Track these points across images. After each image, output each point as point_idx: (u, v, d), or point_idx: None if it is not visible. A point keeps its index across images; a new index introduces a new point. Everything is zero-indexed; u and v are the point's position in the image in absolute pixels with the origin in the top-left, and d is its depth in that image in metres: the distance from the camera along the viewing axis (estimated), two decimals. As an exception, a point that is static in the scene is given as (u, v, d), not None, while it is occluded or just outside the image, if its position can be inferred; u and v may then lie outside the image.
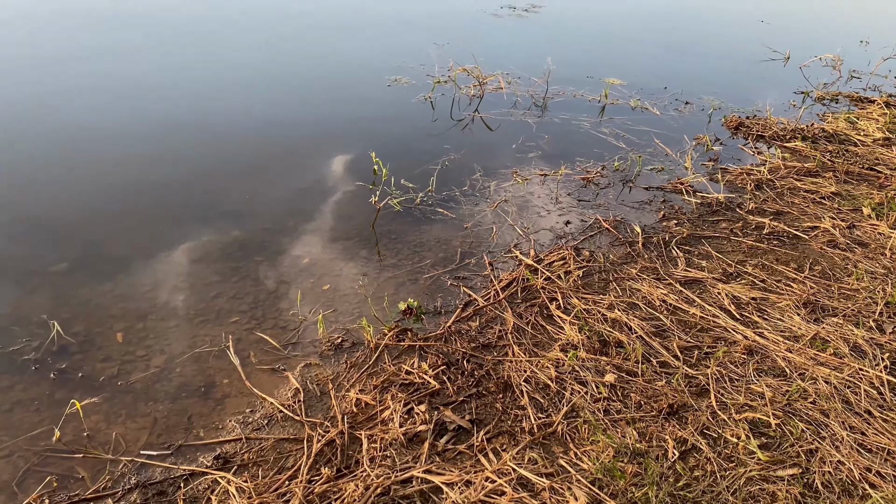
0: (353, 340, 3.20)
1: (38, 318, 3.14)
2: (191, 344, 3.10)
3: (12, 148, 4.62)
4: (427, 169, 4.83)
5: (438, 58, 7.19)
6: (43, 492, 2.37)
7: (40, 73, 5.92)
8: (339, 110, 5.79)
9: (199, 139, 5.05)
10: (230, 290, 3.47)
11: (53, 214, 3.94)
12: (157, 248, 3.73)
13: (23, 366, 2.88)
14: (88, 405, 2.68)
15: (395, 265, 3.79)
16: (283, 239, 3.93)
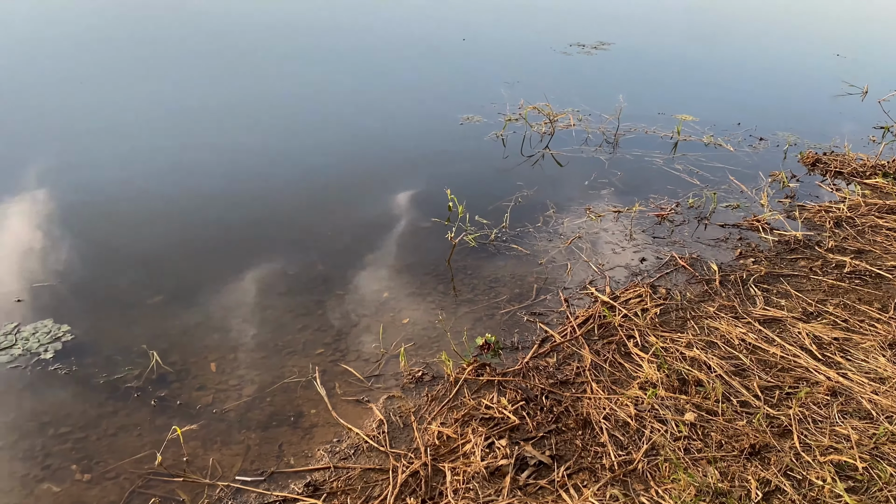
0: (433, 374, 3.29)
1: (139, 347, 3.33)
2: (279, 374, 3.23)
3: (107, 186, 4.91)
4: (500, 205, 4.93)
5: (509, 96, 7.33)
6: (147, 513, 2.51)
7: (125, 115, 6.27)
8: (414, 148, 5.96)
9: (280, 176, 5.26)
10: (315, 323, 3.61)
11: (148, 249, 4.17)
12: (245, 281, 3.91)
13: (126, 393, 3.05)
14: (187, 431, 2.83)
15: (472, 300, 3.88)
16: (363, 273, 4.06)
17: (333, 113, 6.65)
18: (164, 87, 7.01)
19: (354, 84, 7.60)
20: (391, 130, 6.34)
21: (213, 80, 7.41)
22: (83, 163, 5.20)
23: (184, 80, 7.30)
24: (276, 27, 9.95)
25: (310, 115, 6.57)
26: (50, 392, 3.03)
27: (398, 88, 7.57)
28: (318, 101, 6.94)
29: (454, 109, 6.89)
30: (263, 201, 4.86)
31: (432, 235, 4.55)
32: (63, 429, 2.86)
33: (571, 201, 5.09)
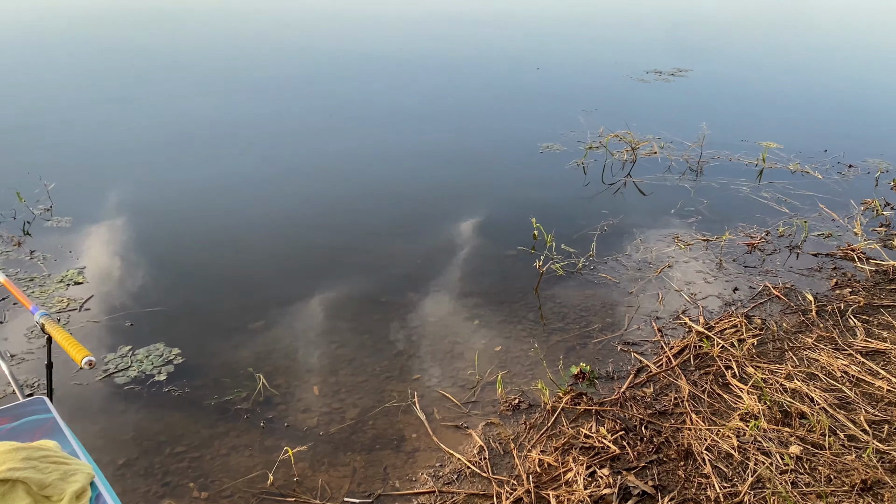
0: (529, 402, 3.32)
1: (245, 370, 3.47)
2: (379, 399, 3.32)
3: (204, 215, 5.13)
4: (586, 234, 4.95)
5: (587, 124, 7.36)
6: (262, 531, 2.61)
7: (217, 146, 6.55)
8: (496, 176, 6.04)
9: (366, 202, 5.40)
10: (410, 349, 3.69)
11: (246, 275, 4.34)
12: (340, 307, 4.03)
13: (236, 414, 3.18)
14: (296, 453, 2.93)
15: (563, 329, 3.90)
16: (453, 300, 4.14)
17: (414, 142, 6.80)
18: (256, 116, 7.29)
19: (433, 113, 7.75)
20: (472, 159, 6.44)
21: (299, 108, 7.66)
22: (182, 192, 5.45)
23: (271, 108, 7.57)
24: (357, 59, 10.24)
25: (393, 144, 6.72)
26: (165, 412, 3.18)
27: (476, 117, 7.69)
28: (399, 131, 7.10)
29: (533, 138, 6.95)
30: (352, 227, 5.00)
31: (518, 263, 4.60)
32: (179, 448, 2.99)
33: (658, 230, 5.07)
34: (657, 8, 16.64)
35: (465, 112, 7.90)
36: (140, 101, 7.67)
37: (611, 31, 13.54)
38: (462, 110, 7.96)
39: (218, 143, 6.55)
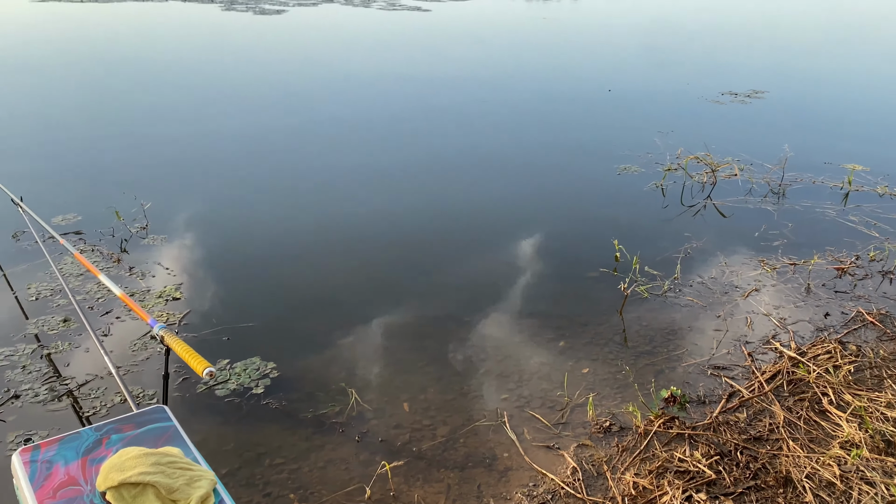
0: (620, 424, 3.31)
1: (337, 385, 3.55)
2: (469, 417, 3.35)
3: (290, 234, 5.28)
4: (669, 256, 4.91)
5: (665, 146, 7.31)
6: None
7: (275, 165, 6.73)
8: (574, 198, 6.06)
9: (445, 223, 5.47)
10: (496, 368, 3.72)
11: (333, 293, 4.45)
12: (425, 326, 4.09)
13: (331, 428, 3.26)
14: (392, 468, 2.98)
15: (650, 352, 3.88)
16: (539, 322, 4.16)
17: (492, 162, 6.86)
18: (334, 137, 7.48)
19: (507, 134, 7.81)
20: (549, 181, 6.47)
21: (379, 128, 7.82)
22: (268, 211, 5.63)
23: (347, 128, 7.74)
24: (430, 78, 10.39)
25: (470, 164, 6.79)
26: (263, 424, 3.28)
27: (551, 138, 7.72)
28: (478, 152, 7.17)
29: (610, 159, 6.94)
30: (432, 245, 5.08)
31: (601, 285, 4.59)
32: (278, 459, 3.08)
33: (743, 253, 5.00)
34: (726, 30, 16.44)
35: (540, 133, 7.93)
36: (230, 123, 7.95)
37: (680, 53, 13.42)
38: (536, 131, 8.00)
39: (303, 164, 6.73)
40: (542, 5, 20.08)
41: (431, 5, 18.02)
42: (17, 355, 3.68)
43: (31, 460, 2.12)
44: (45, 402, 3.34)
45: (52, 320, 4.00)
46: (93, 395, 3.41)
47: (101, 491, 2.01)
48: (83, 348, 3.76)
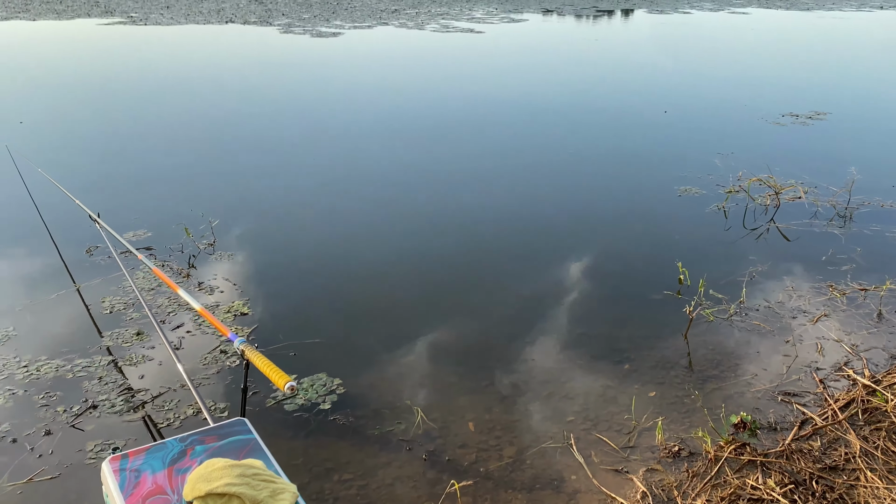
0: (689, 449, 3.26)
1: (402, 403, 3.58)
2: (535, 439, 3.35)
3: (354, 252, 5.35)
4: (733, 280, 4.84)
5: (725, 168, 7.22)
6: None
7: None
8: (635, 219, 6.02)
9: (504, 242, 5.49)
10: (561, 390, 3.71)
11: (395, 310, 4.49)
12: (489, 346, 4.11)
13: (398, 445, 3.29)
14: (461, 487, 2.99)
15: (718, 376, 3.82)
16: (601, 344, 4.13)
17: (550, 182, 6.86)
18: (395, 161, 7.57)
19: (564, 155, 7.80)
20: (609, 201, 6.44)
21: (436, 150, 7.90)
22: (330, 230, 5.72)
23: (409, 152, 7.83)
24: (482, 101, 10.46)
25: (528, 183, 6.81)
26: (331, 440, 3.33)
27: (608, 159, 7.69)
28: (533, 173, 7.19)
29: (669, 181, 6.88)
30: (491, 264, 5.10)
31: (664, 308, 4.55)
32: (346, 475, 3.11)
33: (810, 278, 4.90)
34: (783, 49, 16.20)
35: (596, 153, 7.91)
36: (294, 143, 8.12)
37: (736, 73, 13.26)
38: (593, 151, 7.98)
39: (366, 184, 6.83)
40: (591, 24, 20.07)
41: (484, 27, 18.17)
42: (94, 366, 3.80)
43: (120, 468, 2.19)
44: (121, 413, 3.44)
45: (125, 333, 4.12)
46: (166, 406, 3.49)
47: (187, 501, 2.07)
48: (156, 361, 3.86)
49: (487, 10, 21.86)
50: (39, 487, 2.98)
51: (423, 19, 19.12)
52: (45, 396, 3.56)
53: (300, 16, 19.22)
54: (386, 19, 18.99)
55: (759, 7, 24.20)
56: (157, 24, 17.36)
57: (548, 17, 20.93)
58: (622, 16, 22.04)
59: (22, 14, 19.02)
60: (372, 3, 22.79)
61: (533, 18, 20.33)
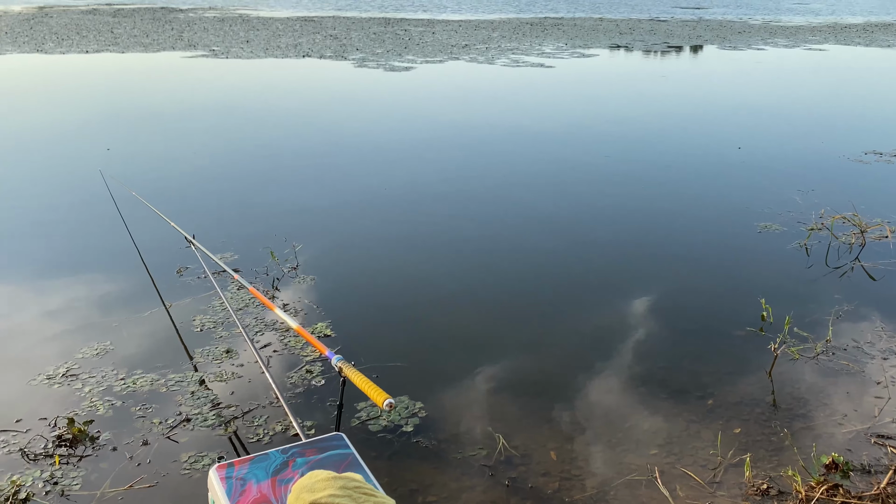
0: (778, 488, 3.19)
1: (483, 429, 3.61)
2: (618, 471, 3.33)
3: (426, 276, 5.43)
4: (819, 318, 4.74)
5: (806, 205, 7.09)
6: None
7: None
8: (714, 253, 5.95)
9: (577, 273, 5.49)
10: (643, 423, 3.68)
11: (472, 335, 4.54)
12: (569, 376, 4.11)
13: (480, 470, 3.31)
14: (545, 514, 2.99)
15: (805, 415, 3.74)
16: (683, 379, 4.09)
17: (626, 218, 6.85)
18: (472, 188, 7.68)
19: (641, 188, 7.77)
20: (686, 236, 6.38)
21: (509, 173, 7.97)
22: (406, 256, 5.83)
23: (482, 178, 7.93)
24: (560, 136, 10.52)
25: (603, 221, 6.81)
26: (414, 462, 3.37)
27: (685, 194, 7.63)
28: (609, 207, 7.19)
29: (748, 217, 6.78)
30: (571, 296, 5.10)
31: (747, 344, 4.48)
32: (430, 497, 3.15)
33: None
34: (862, 87, 15.82)
35: (671, 187, 7.86)
36: (372, 174, 8.31)
37: (812, 110, 13.00)
38: (669, 186, 7.92)
39: (441, 215, 6.94)
40: (660, 60, 20.00)
41: (554, 62, 18.29)
42: (186, 381, 3.95)
43: (226, 476, 2.28)
44: (213, 427, 3.56)
45: (215, 350, 4.27)
46: (256, 422, 3.61)
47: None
48: (246, 378, 3.99)
49: (557, 45, 22.02)
50: (139, 494, 3.11)
51: (493, 54, 19.36)
52: (141, 408, 3.71)
53: (373, 50, 19.69)
54: (457, 54, 19.29)
55: (836, 44, 23.73)
56: (238, 58, 18.02)
57: (616, 53, 20.95)
58: (692, 52, 21.90)
59: (112, 47, 20.01)
60: (443, 39, 23.19)
61: (602, 54, 20.37)
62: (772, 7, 45.51)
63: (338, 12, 34.40)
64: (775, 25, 31.13)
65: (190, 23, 27.47)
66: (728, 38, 25.49)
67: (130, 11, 32.95)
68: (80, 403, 3.75)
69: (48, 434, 3.49)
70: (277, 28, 25.75)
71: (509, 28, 27.45)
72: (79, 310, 4.81)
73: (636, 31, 27.03)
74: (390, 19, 30.71)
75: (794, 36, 26.54)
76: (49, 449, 3.38)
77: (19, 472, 3.23)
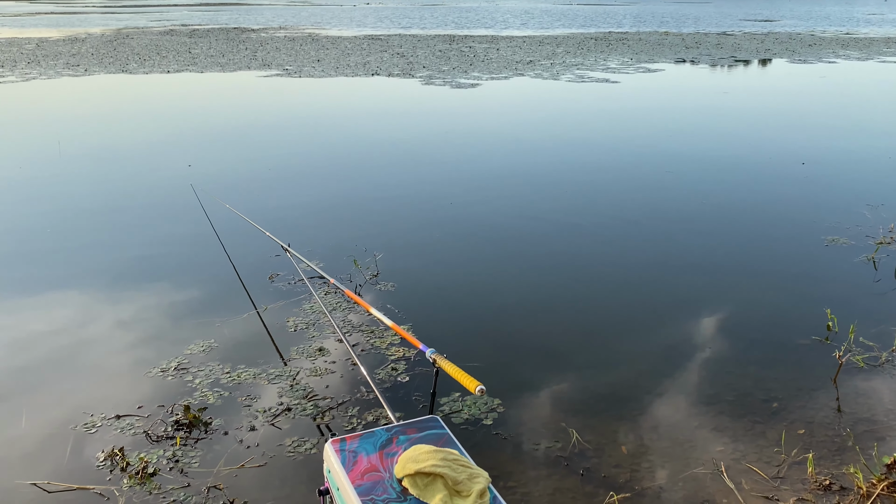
0: (840, 484, 3.38)
1: (557, 424, 3.89)
2: (685, 465, 3.56)
3: (495, 279, 5.73)
4: (885, 329, 4.86)
5: (874, 219, 7.14)
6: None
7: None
8: (782, 265, 6.09)
9: (653, 282, 5.71)
10: (710, 423, 3.90)
11: (545, 337, 4.81)
12: (635, 373, 4.34)
13: (556, 461, 3.59)
14: (620, 499, 3.25)
15: (870, 420, 3.89)
16: (749, 383, 4.29)
17: (693, 234, 7.03)
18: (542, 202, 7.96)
19: (706, 206, 7.93)
20: (753, 250, 6.53)
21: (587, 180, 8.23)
22: (476, 262, 6.15)
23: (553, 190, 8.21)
24: (622, 150, 10.73)
25: (670, 236, 7.00)
26: (494, 451, 3.67)
27: (750, 209, 7.75)
28: (675, 224, 7.37)
29: (815, 231, 6.88)
30: (639, 302, 5.33)
31: (812, 353, 4.63)
32: (511, 483, 3.44)
33: (969, 330, 4.84)
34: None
35: (736, 203, 7.99)
36: (446, 184, 8.68)
37: (880, 124, 12.85)
38: (733, 201, 8.05)
39: (513, 225, 7.24)
40: (725, 73, 19.91)
41: (619, 76, 18.44)
42: (284, 376, 4.34)
43: (339, 449, 2.62)
44: (311, 416, 3.94)
45: (309, 348, 4.66)
46: (349, 412, 3.96)
47: (398, 478, 2.46)
48: (338, 374, 4.36)
49: (622, 60, 22.14)
50: (250, 472, 3.49)
51: (557, 70, 19.63)
52: (246, 398, 4.11)
53: (440, 68, 20.17)
54: (522, 70, 19.63)
55: (911, 56, 23.19)
56: (311, 77, 18.72)
57: (682, 67, 20.95)
58: (760, 65, 21.73)
59: (191, 67, 21.01)
60: (507, 55, 23.56)
61: (668, 68, 20.41)
62: (845, 19, 44.48)
63: (402, 30, 35.19)
64: (847, 38, 30.52)
65: (262, 42, 28.57)
66: (797, 50, 25.16)
67: (205, 32, 34.40)
68: (192, 393, 4.17)
69: (167, 419, 3.91)
70: (346, 47, 26.56)
71: (574, 43, 27.67)
72: (183, 312, 5.27)
73: (703, 46, 26.92)
74: (454, 37, 31.28)
75: (867, 48, 26.01)
76: (168, 432, 3.80)
77: (144, 451, 3.65)
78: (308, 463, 3.56)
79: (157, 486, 3.38)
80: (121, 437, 3.76)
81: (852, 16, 46.33)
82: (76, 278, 5.94)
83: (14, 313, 5.30)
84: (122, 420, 3.91)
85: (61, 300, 5.52)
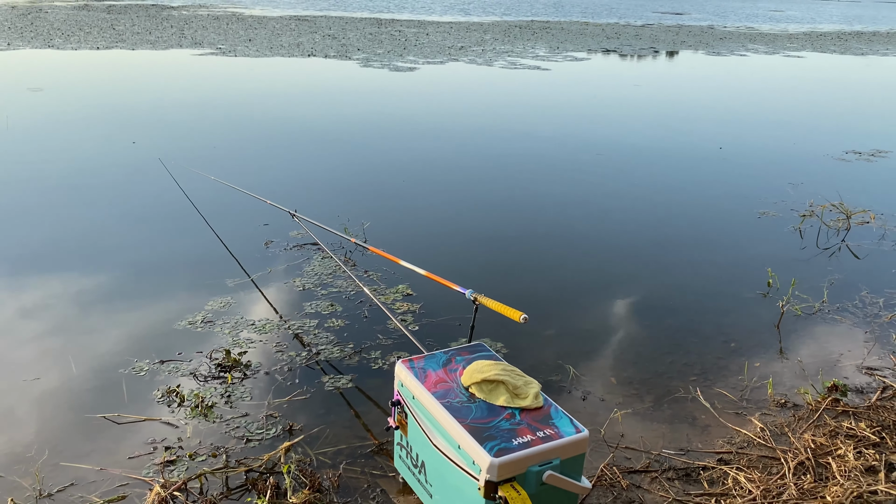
0: (793, 402, 4.12)
1: (555, 363, 4.49)
2: (667, 390, 4.22)
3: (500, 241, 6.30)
4: (815, 285, 5.68)
5: (797, 195, 8.07)
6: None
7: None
8: (722, 236, 6.90)
9: (629, 251, 6.40)
10: (681, 359, 4.59)
11: (542, 284, 5.42)
12: (615, 321, 5.00)
13: (559, 389, 4.19)
14: (615, 416, 3.88)
15: (811, 354, 4.67)
16: (709, 328, 5.01)
17: (630, 212, 7.78)
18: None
19: (640, 189, 8.71)
20: (693, 223, 7.31)
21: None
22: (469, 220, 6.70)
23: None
24: (545, 136, 11.45)
25: (608, 217, 7.72)
26: (506, 384, 4.23)
27: (687, 188, 8.57)
28: (614, 204, 8.10)
29: (747, 206, 7.75)
30: (624, 260, 6.01)
31: (758, 304, 5.41)
32: (524, 408, 4.00)
33: (883, 286, 5.72)
34: (836, 92, 16.98)
35: (676, 179, 8.80)
36: (447, 160, 9.15)
37: (791, 113, 14.07)
38: (674, 178, 8.86)
39: (489, 198, 7.80)
40: (649, 63, 21.04)
41: (549, 64, 19.24)
42: (306, 326, 4.78)
43: (411, 367, 3.14)
44: (340, 359, 4.41)
45: (320, 304, 5.10)
46: (373, 354, 4.45)
47: (465, 386, 3.00)
48: (353, 325, 4.83)
49: (549, 47, 22.99)
50: (297, 402, 3.95)
51: (489, 56, 20.26)
52: (277, 346, 4.54)
53: (374, 51, 20.48)
54: (455, 55, 20.16)
55: (812, 51, 25.01)
56: (246, 56, 18.72)
57: (608, 57, 21.97)
58: (671, 57, 22.99)
59: (119, 44, 20.58)
60: (438, 41, 24.03)
61: (594, 58, 21.38)
62: (749, 14, 46.91)
63: (325, 12, 35.11)
64: (754, 33, 32.40)
65: (187, 21, 28.05)
66: (710, 43, 26.65)
67: (123, 8, 33.41)
68: (222, 342, 4.57)
69: (208, 363, 4.31)
70: (274, 27, 26.45)
71: (500, 31, 28.40)
72: (197, 274, 5.59)
73: (622, 36, 28.13)
74: (381, 20, 31.51)
75: (772, 43, 27.79)
76: (214, 372, 4.20)
77: (196, 388, 4.05)
78: (349, 394, 4.04)
79: (218, 416, 3.80)
80: (171, 378, 4.14)
81: (756, 13, 48.90)
82: (73, 252, 6.16)
83: (39, 286, 5.51)
84: (167, 364, 4.28)
85: (73, 273, 5.76)
